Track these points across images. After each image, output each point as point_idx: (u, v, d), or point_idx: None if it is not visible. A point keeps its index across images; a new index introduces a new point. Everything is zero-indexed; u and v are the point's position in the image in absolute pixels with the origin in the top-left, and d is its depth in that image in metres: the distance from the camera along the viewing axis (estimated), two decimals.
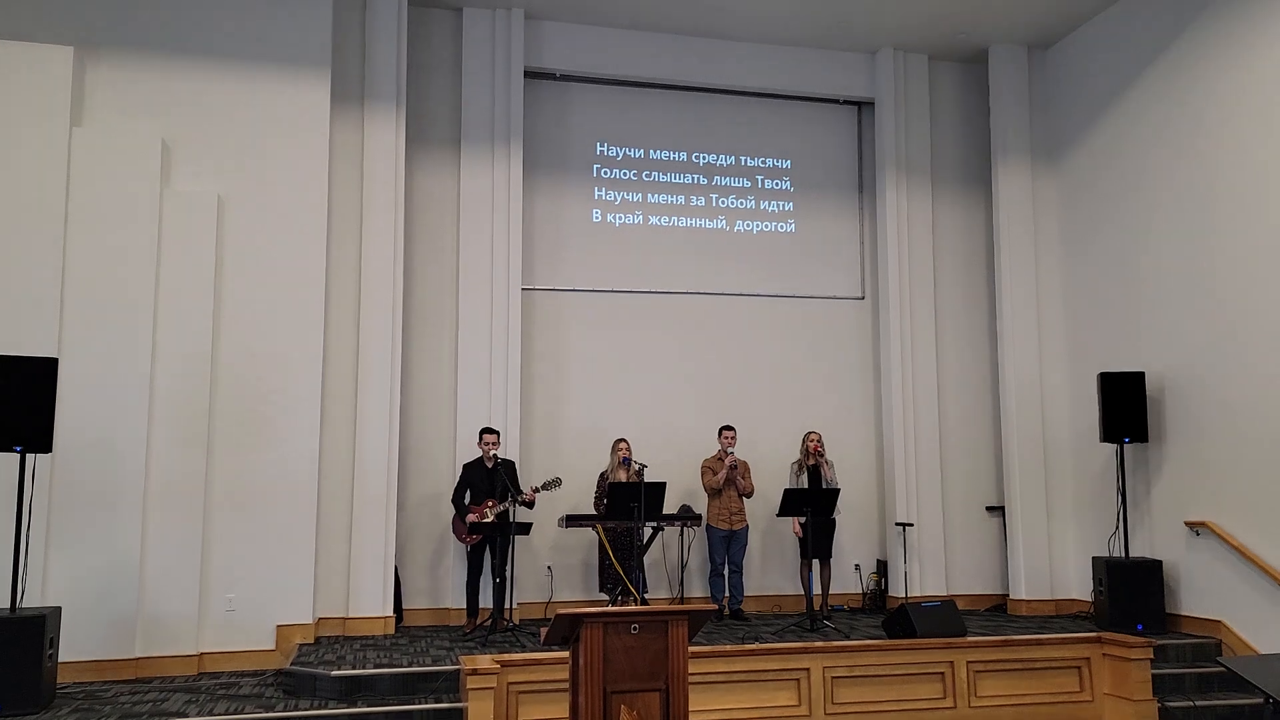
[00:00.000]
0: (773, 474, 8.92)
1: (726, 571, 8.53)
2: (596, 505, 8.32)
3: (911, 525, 9.11)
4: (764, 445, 9.20)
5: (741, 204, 9.79)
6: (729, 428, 8.58)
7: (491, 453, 7.89)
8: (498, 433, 8.05)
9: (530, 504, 7.81)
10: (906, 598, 8.65)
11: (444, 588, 8.43)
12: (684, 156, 9.72)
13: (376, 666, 6.38)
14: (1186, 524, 7.82)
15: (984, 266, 9.88)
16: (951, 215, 9.89)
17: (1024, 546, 9.06)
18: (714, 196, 9.74)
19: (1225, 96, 7.68)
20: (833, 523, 8.51)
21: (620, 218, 9.50)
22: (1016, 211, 9.48)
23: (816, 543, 8.20)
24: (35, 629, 5.78)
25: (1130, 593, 7.79)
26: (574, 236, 9.36)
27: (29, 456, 6.14)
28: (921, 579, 9.16)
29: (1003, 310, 9.43)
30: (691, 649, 5.61)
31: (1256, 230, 7.37)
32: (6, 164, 6.94)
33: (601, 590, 8.33)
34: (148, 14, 7.56)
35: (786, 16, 9.13)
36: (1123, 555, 8.20)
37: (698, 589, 8.97)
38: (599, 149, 9.53)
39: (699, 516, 8.44)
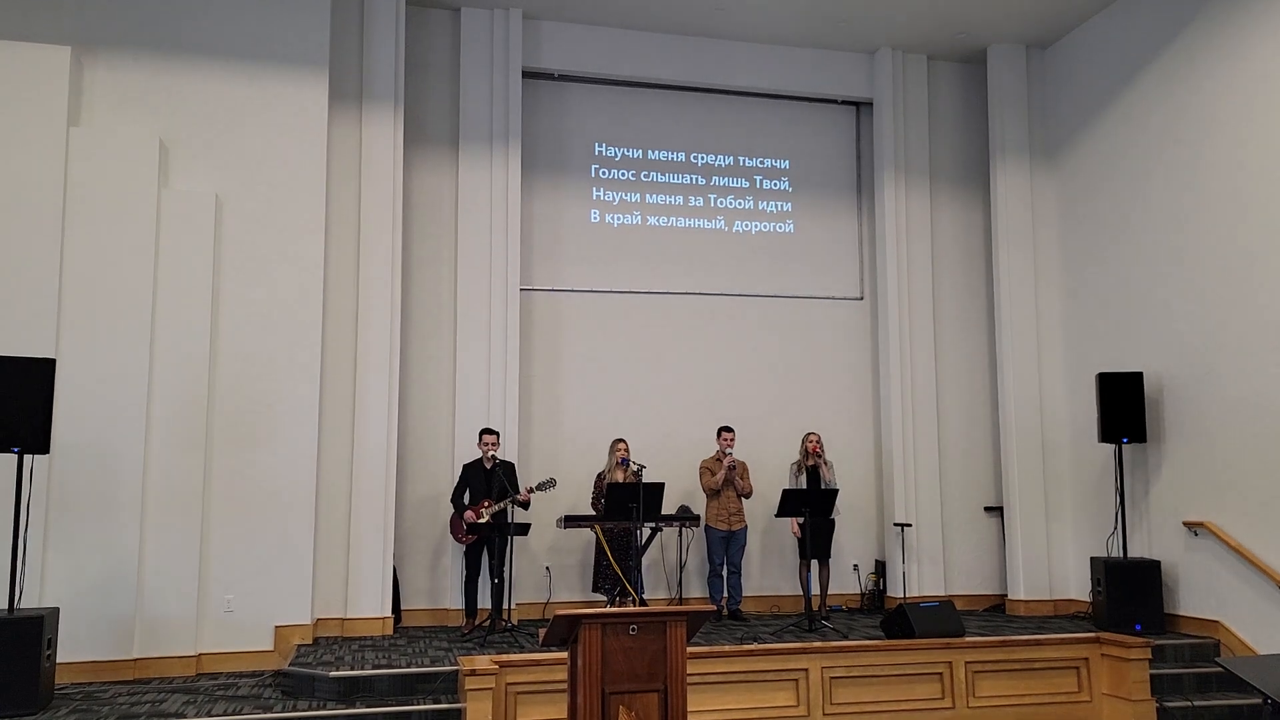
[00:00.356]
0: (771, 474, 8.92)
1: (725, 572, 8.53)
2: (594, 506, 8.32)
3: (910, 525, 9.12)
4: (762, 445, 9.20)
5: (740, 204, 9.79)
6: (728, 429, 8.58)
7: (490, 453, 7.89)
8: (497, 433, 8.05)
9: (525, 505, 7.81)
10: (905, 598, 8.66)
11: (442, 588, 8.43)
12: (682, 157, 9.71)
13: (375, 667, 6.37)
14: (1185, 524, 7.83)
15: (982, 266, 9.89)
16: (950, 215, 9.89)
17: (1022, 547, 9.07)
18: (712, 197, 9.74)
19: (1225, 95, 7.68)
20: (831, 523, 8.50)
21: (618, 218, 9.50)
22: (1015, 211, 9.48)
23: (815, 543, 8.19)
24: (33, 630, 5.77)
25: (1128, 593, 7.80)
26: (572, 237, 9.36)
27: (27, 457, 6.13)
28: (920, 579, 9.16)
29: (1001, 310, 9.43)
30: (690, 649, 5.62)
31: (1255, 230, 7.37)
32: (4, 164, 6.92)
33: (595, 590, 8.33)
34: (145, 14, 7.55)
35: (785, 16, 9.13)
36: (1121, 555, 8.20)
37: (696, 589, 8.97)
38: (597, 149, 9.53)
39: (697, 517, 8.44)
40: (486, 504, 7.70)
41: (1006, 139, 9.54)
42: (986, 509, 9.61)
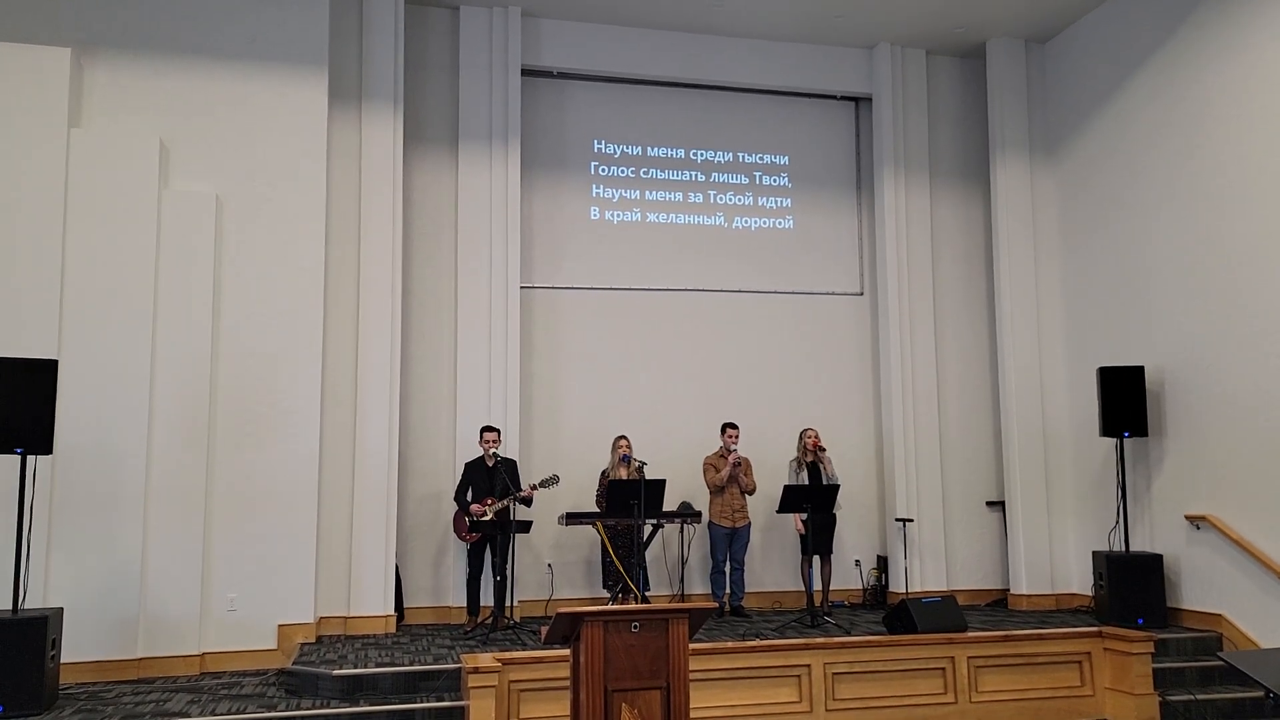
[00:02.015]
0: (772, 470, 8.92)
1: (728, 568, 8.54)
2: (599, 503, 8.33)
3: (912, 520, 9.12)
4: (764, 441, 9.20)
5: (739, 200, 9.79)
6: (732, 425, 8.56)
7: (492, 451, 7.89)
8: (498, 430, 8.05)
9: (528, 502, 7.82)
10: (907, 593, 8.66)
11: (445, 586, 8.44)
12: (682, 153, 9.71)
13: (378, 665, 6.38)
14: (1187, 518, 7.83)
15: (983, 261, 9.88)
16: (950, 210, 9.88)
17: (1024, 541, 9.07)
18: (712, 193, 9.74)
19: (1225, 88, 7.67)
20: (834, 518, 8.51)
21: (618, 215, 9.50)
22: (1015, 206, 9.47)
23: (817, 539, 8.20)
24: (37, 630, 5.79)
25: (1131, 587, 7.80)
26: (572, 234, 9.36)
27: (30, 458, 6.14)
28: (922, 574, 9.17)
29: (1001, 305, 9.42)
30: (692, 646, 5.62)
31: (1256, 223, 7.37)
32: (5, 166, 6.93)
33: (605, 587, 8.34)
34: (145, 15, 7.55)
35: (783, 12, 9.12)
36: (1123, 549, 8.21)
37: (698, 586, 8.98)
38: (596, 146, 9.53)
39: (699, 514, 8.45)
40: (489, 501, 7.71)
41: (1006, 133, 9.53)
42: (988, 503, 9.62)
